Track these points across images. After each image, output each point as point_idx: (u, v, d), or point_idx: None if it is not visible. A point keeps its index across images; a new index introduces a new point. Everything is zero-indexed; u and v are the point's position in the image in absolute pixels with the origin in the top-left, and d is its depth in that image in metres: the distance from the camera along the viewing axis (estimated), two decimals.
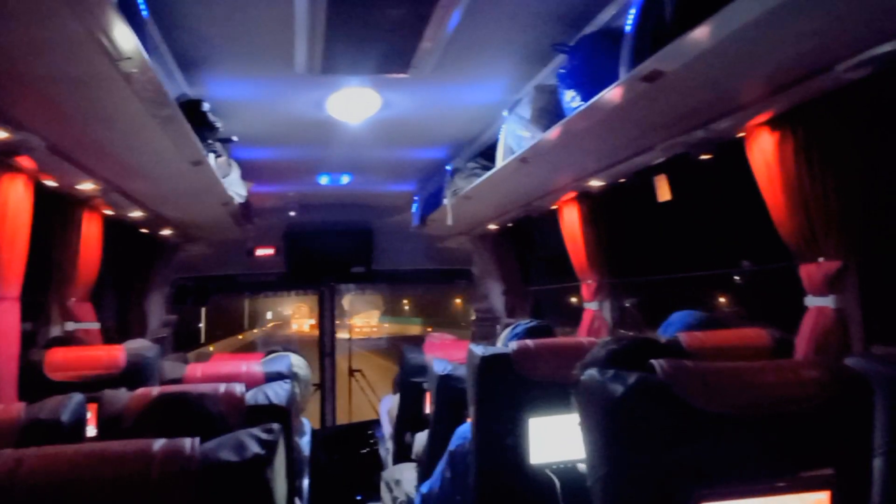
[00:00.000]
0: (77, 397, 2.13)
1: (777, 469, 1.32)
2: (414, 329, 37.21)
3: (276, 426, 1.34)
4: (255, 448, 1.25)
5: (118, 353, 3.11)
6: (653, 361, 1.39)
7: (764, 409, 1.32)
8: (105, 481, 1.15)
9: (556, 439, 2.45)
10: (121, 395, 2.24)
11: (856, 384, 1.37)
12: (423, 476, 3.39)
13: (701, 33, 1.73)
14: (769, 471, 1.32)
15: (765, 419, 1.32)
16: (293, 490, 1.46)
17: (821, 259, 2.34)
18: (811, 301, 2.40)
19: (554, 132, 2.76)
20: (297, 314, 47.49)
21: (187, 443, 1.22)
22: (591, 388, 1.41)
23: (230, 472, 1.21)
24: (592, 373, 1.43)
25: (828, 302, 2.34)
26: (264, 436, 1.29)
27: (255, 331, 42.45)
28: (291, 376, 3.22)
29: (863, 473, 1.37)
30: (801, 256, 2.43)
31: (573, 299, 4.54)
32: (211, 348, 19.47)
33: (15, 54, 1.75)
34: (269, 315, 49.11)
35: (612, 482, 1.34)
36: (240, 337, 35.18)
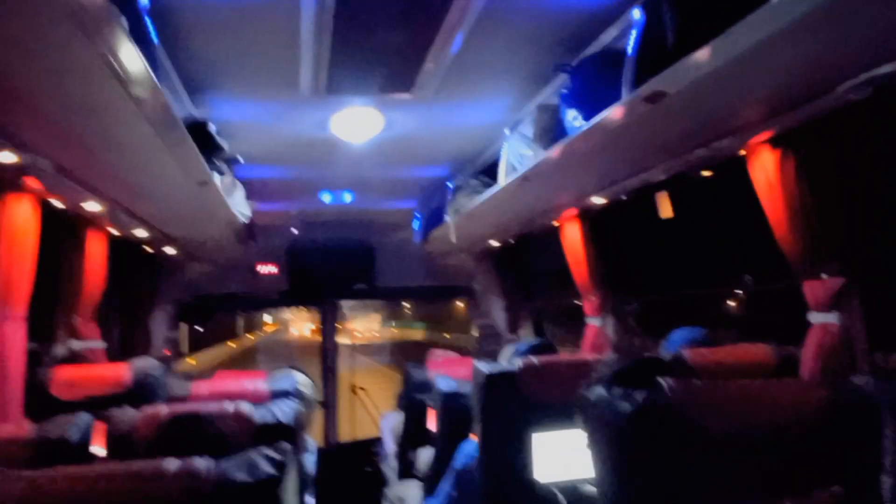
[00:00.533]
0: (85, 416, 2.14)
1: (786, 488, 1.33)
2: (416, 334, 36.44)
3: (286, 446, 1.36)
4: (267, 468, 1.27)
5: (124, 371, 3.12)
6: (659, 380, 1.41)
7: (772, 428, 1.33)
8: (121, 502, 1.16)
9: (560, 455, 2.46)
10: (129, 414, 2.25)
11: (863, 404, 1.39)
12: (428, 493, 3.40)
13: (703, 55, 1.75)
14: (779, 489, 1.33)
15: (773, 438, 1.34)
16: None
17: (823, 276, 2.36)
18: (815, 317, 2.41)
19: (556, 151, 2.79)
20: (296, 318, 45.55)
21: (202, 463, 1.23)
22: (599, 406, 1.43)
23: (244, 493, 1.23)
24: (600, 391, 1.45)
25: (831, 318, 2.35)
26: (276, 456, 1.30)
27: (249, 336, 40.80)
28: (297, 394, 3.23)
29: (872, 491, 1.38)
30: (803, 273, 2.44)
31: (575, 315, 4.55)
32: (192, 362, 16.72)
33: (26, 79, 1.77)
34: (267, 318, 46.90)
35: (620, 500, 1.36)
36: (231, 345, 32.29)
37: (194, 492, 1.18)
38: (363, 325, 39.67)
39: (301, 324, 44.49)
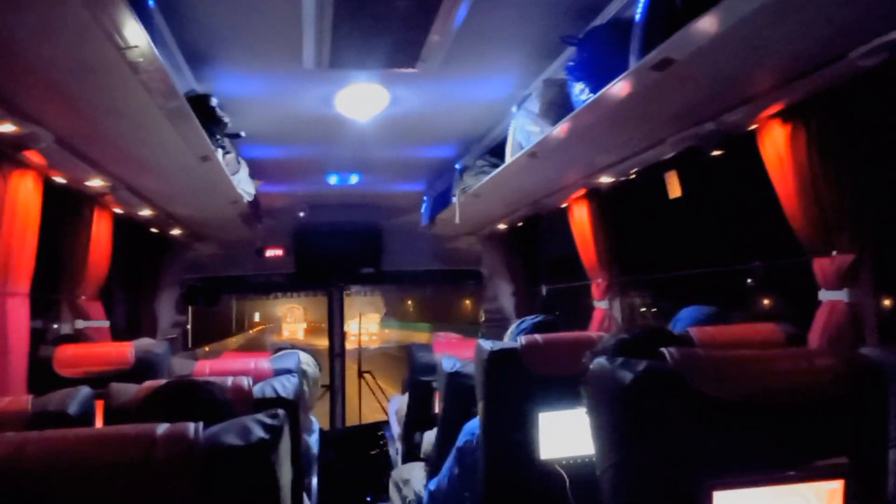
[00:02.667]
0: (85, 390, 2.12)
1: (790, 458, 1.29)
2: (421, 336, 31.02)
3: (280, 412, 1.32)
4: (259, 433, 1.24)
5: (127, 350, 3.11)
6: (663, 350, 1.37)
7: (776, 397, 1.29)
8: (107, 465, 1.14)
9: (566, 434, 2.42)
10: (128, 388, 2.24)
11: (871, 373, 1.34)
12: (432, 474, 3.37)
13: (711, 20, 1.71)
14: (782, 460, 1.29)
15: (777, 408, 1.29)
16: (299, 484, 1.44)
17: (834, 253, 2.32)
18: (824, 295, 2.37)
19: (563, 126, 2.74)
20: (289, 317, 39.72)
21: (191, 427, 1.20)
22: (599, 376, 1.39)
23: (234, 456, 1.20)
24: (601, 361, 1.41)
25: (841, 296, 2.31)
26: (269, 421, 1.27)
27: (231, 339, 33.70)
28: (300, 373, 3.21)
29: (878, 463, 1.34)
30: (814, 250, 2.40)
31: (584, 299, 4.51)
32: None
33: (20, 41, 1.75)
34: (256, 317, 40.63)
35: (621, 472, 1.32)
36: (206, 349, 27.80)
37: (183, 455, 1.15)
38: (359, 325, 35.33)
39: (295, 325, 38.17)
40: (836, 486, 1.29)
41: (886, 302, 2.28)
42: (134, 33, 1.74)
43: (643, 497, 1.29)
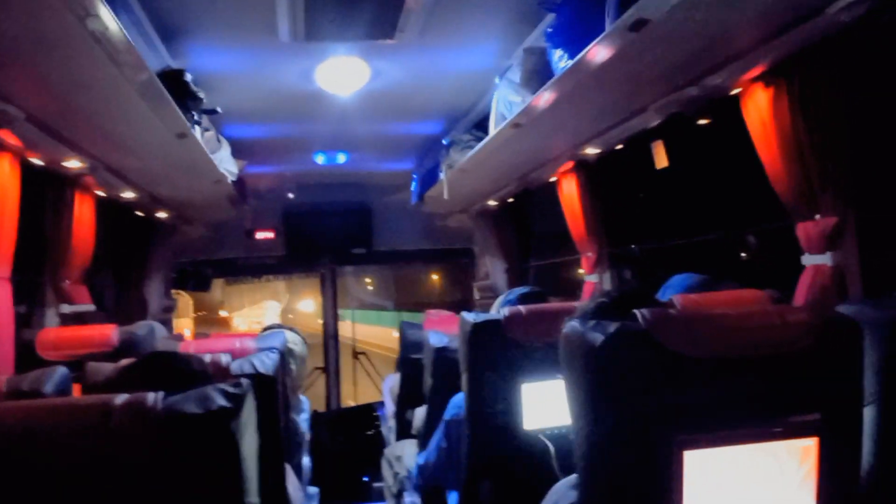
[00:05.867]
0: (61, 369, 2.09)
1: (763, 415, 1.27)
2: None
3: (245, 381, 1.30)
4: (221, 401, 1.21)
5: (110, 332, 3.08)
6: (636, 310, 1.34)
7: (749, 353, 1.27)
8: (63, 433, 1.12)
9: (549, 404, 2.41)
10: (105, 367, 2.21)
11: (845, 328, 1.31)
12: (422, 448, 3.37)
13: None
14: (755, 417, 1.26)
15: (749, 364, 1.27)
16: (278, 459, 1.42)
17: (817, 216, 2.29)
18: (808, 259, 2.35)
19: (544, 94, 2.70)
20: (236, 303, 27.97)
21: (151, 396, 1.18)
22: (571, 338, 1.37)
23: (194, 424, 1.18)
24: (573, 323, 1.39)
25: (825, 259, 2.28)
26: (232, 389, 1.25)
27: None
28: (286, 351, 3.19)
29: (852, 421, 1.32)
30: (797, 215, 2.37)
31: (574, 275, 4.50)
32: None
33: None
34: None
35: (594, 433, 1.30)
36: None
37: (142, 423, 1.14)
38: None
39: (252, 315, 26.88)
40: (809, 444, 1.27)
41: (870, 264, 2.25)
42: (91, 1, 1.69)
43: (615, 457, 1.27)
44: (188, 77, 2.90)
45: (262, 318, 24.55)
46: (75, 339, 3.06)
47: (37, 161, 3.09)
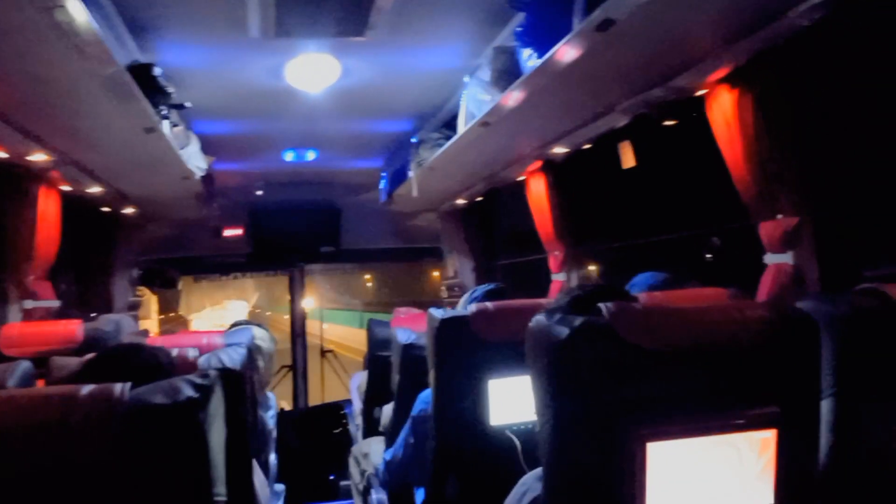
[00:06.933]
0: (24, 364, 2.07)
1: (724, 408, 1.30)
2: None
3: (212, 372, 1.30)
4: (188, 392, 1.21)
5: (75, 328, 3.05)
6: (600, 304, 1.36)
7: (708, 347, 1.30)
8: (25, 425, 1.11)
9: (516, 400, 2.43)
10: (70, 361, 2.19)
11: (801, 323, 1.35)
12: (389, 445, 3.38)
13: None
14: (716, 410, 1.29)
15: (710, 358, 1.30)
16: (245, 457, 1.41)
17: (779, 216, 2.34)
18: (770, 259, 2.40)
19: (513, 93, 2.72)
20: (196, 304, 25.21)
21: (117, 387, 1.18)
22: (538, 333, 1.39)
23: (161, 415, 1.18)
24: (539, 318, 1.40)
25: (786, 258, 2.34)
26: (199, 381, 1.25)
27: None
28: (253, 347, 3.17)
29: (809, 414, 1.36)
30: (760, 215, 2.43)
31: (542, 273, 4.53)
32: None
33: None
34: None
35: (559, 426, 1.32)
36: None
37: (104, 414, 1.13)
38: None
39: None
40: (768, 436, 1.30)
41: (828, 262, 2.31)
42: None
43: (579, 449, 1.29)
44: (157, 71, 2.87)
45: (225, 321, 20.52)
46: (39, 336, 3.02)
47: (0, 154, 3.04)
